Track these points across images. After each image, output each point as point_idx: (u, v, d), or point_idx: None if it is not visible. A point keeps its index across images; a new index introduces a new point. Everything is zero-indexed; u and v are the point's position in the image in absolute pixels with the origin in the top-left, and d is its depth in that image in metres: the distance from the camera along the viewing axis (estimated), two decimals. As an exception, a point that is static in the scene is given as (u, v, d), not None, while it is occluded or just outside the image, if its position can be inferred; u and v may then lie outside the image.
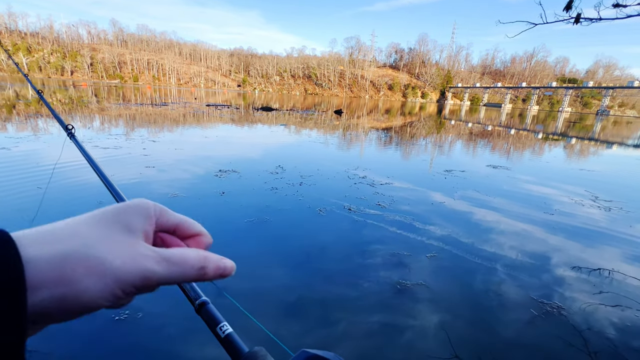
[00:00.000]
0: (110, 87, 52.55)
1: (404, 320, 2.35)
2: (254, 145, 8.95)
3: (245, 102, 33.94)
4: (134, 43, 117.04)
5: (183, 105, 22.06)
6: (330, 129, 14.47)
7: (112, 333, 2.06)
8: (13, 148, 6.53)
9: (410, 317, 2.39)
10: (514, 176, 7.08)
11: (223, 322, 0.42)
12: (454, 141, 13.17)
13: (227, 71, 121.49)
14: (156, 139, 8.71)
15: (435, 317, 2.41)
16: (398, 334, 2.22)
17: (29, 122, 10.19)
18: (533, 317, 2.48)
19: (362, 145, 10.25)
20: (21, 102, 16.78)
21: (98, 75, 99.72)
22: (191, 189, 4.81)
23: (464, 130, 17.82)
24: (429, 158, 8.80)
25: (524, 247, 3.63)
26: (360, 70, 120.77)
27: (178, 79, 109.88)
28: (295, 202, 4.51)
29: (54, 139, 7.76)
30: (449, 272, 3.02)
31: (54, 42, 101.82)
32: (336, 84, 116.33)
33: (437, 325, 2.33)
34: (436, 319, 2.39)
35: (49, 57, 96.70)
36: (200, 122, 13.71)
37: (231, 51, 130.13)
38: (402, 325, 2.30)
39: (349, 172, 6.35)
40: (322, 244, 3.40)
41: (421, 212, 4.42)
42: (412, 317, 2.40)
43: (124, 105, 19.33)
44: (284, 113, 21.15)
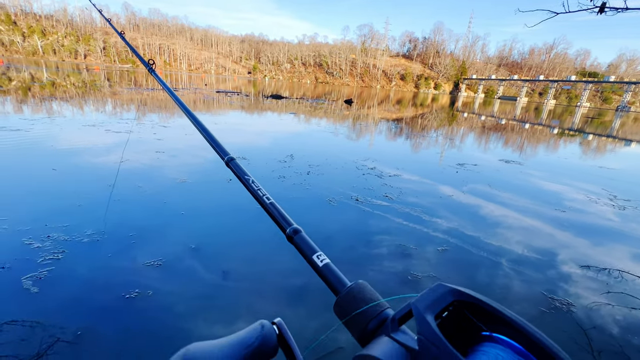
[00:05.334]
0: (122, 71, 52.88)
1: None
2: (263, 133, 8.96)
3: (255, 89, 33.80)
4: (145, 27, 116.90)
5: (193, 91, 22.11)
6: (339, 118, 14.35)
7: (122, 309, 2.14)
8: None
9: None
10: (526, 171, 6.95)
11: (319, 252, 0.39)
12: (466, 134, 12.93)
13: (237, 58, 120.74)
14: (167, 125, 8.78)
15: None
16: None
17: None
18: (537, 313, 2.47)
19: (372, 136, 10.16)
20: (36, 84, 17.05)
21: (110, 59, 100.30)
22: (200, 175, 4.87)
23: (477, 124, 17.46)
24: (439, 151, 8.68)
25: (531, 242, 3.59)
26: (373, 59, 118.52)
27: (189, 65, 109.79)
28: (303, 190, 4.53)
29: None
30: (454, 265, 3.02)
31: (67, 25, 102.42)
32: (347, 73, 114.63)
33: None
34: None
35: (63, 40, 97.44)
36: (210, 109, 13.74)
37: (242, 37, 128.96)
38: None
39: (357, 162, 6.32)
40: (327, 233, 3.42)
41: (429, 205, 4.39)
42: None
43: (135, 89, 19.47)
44: (294, 101, 21.02)
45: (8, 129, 6.58)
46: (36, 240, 2.77)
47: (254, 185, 0.52)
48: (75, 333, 1.91)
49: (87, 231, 2.97)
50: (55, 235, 2.86)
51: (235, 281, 2.51)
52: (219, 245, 3.02)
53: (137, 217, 3.38)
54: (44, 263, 2.49)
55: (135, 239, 2.94)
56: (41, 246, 2.69)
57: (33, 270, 2.39)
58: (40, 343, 1.82)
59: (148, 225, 3.24)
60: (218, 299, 2.30)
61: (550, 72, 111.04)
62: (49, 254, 2.60)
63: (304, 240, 0.41)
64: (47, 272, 2.39)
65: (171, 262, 2.65)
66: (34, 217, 3.15)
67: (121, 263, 2.59)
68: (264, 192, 0.50)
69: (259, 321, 0.28)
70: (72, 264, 2.52)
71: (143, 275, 2.46)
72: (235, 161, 0.59)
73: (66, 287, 2.29)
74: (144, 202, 3.74)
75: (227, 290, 2.40)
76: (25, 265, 2.45)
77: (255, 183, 0.52)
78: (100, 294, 2.26)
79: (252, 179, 0.53)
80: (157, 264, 2.60)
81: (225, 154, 0.63)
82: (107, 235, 2.94)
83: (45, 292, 2.21)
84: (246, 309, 2.25)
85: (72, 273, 2.43)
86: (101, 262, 2.58)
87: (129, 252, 2.73)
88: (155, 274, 2.49)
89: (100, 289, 2.31)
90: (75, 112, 9.76)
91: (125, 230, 3.08)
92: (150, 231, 3.13)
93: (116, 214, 3.38)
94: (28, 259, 2.52)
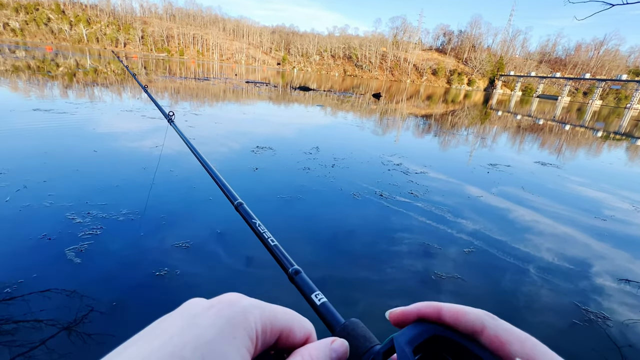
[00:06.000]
0: (158, 60, 54.95)
1: (425, 310, 2.34)
2: (290, 124, 9.03)
3: (284, 80, 34.02)
4: (181, 17, 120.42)
5: (224, 81, 22.61)
6: (367, 112, 14.16)
7: (152, 286, 2.27)
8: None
9: (432, 308, 2.37)
10: (564, 175, 6.55)
11: (317, 291, 0.42)
12: (499, 133, 12.35)
13: (268, 48, 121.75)
14: (198, 113, 9.08)
15: (458, 310, 2.37)
16: (418, 322, 2.22)
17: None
18: (564, 325, 2.36)
19: (399, 132, 9.96)
20: (80, 70, 18.13)
21: (148, 48, 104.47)
22: (227, 162, 5.01)
23: (512, 123, 16.60)
24: (469, 150, 8.36)
25: (563, 251, 3.40)
26: (404, 52, 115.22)
27: (220, 55, 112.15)
28: (327, 183, 4.55)
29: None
30: (477, 268, 2.93)
31: (110, 15, 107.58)
32: (377, 66, 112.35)
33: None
34: (459, 312, 2.35)
35: (105, 29, 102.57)
36: (239, 99, 14.02)
37: (273, 28, 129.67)
38: (423, 315, 2.29)
39: (383, 157, 6.24)
40: (350, 227, 3.43)
41: (455, 205, 4.27)
42: (435, 307, 2.37)
43: (169, 78, 20.21)
44: (321, 94, 20.97)
45: (55, 112, 7.08)
46: (78, 215, 2.99)
47: (259, 228, 0.58)
48: (108, 305, 2.05)
49: (123, 210, 3.16)
50: (94, 212, 3.07)
51: (256, 268, 2.58)
52: (243, 232, 3.12)
53: (168, 200, 3.55)
54: (84, 237, 2.69)
55: (165, 220, 3.10)
56: (82, 222, 2.91)
57: (75, 243, 2.59)
58: (77, 311, 1.98)
59: (177, 209, 3.39)
60: (239, 285, 2.38)
61: (597, 71, 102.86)
62: (89, 229, 2.81)
63: (303, 280, 0.45)
64: (87, 246, 2.58)
65: (198, 245, 2.77)
66: (77, 195, 3.40)
67: (152, 242, 2.74)
68: (268, 234, 0.56)
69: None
70: (108, 240, 2.70)
71: (171, 255, 2.59)
72: (244, 206, 0.68)
73: (102, 261, 2.46)
74: (174, 186, 3.92)
75: (248, 276, 2.48)
76: (68, 238, 2.66)
77: (261, 226, 0.58)
78: (133, 270, 2.41)
79: (259, 222, 0.60)
80: (185, 245, 2.73)
81: (234, 199, 0.72)
82: (140, 215, 3.12)
83: (84, 264, 2.39)
84: (265, 297, 2.32)
85: (108, 248, 2.61)
86: (134, 240, 2.75)
87: (159, 233, 2.88)
88: (183, 255, 2.61)
89: (132, 265, 2.46)
90: (114, 98, 10.32)
91: (157, 212, 3.24)
92: (179, 214, 3.28)
93: (149, 197, 3.56)
94: (70, 233, 2.73)
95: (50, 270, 2.29)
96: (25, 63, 18.93)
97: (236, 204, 0.71)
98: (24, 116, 6.48)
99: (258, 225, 0.59)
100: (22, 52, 29.56)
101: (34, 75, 13.71)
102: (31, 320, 1.89)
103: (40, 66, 17.89)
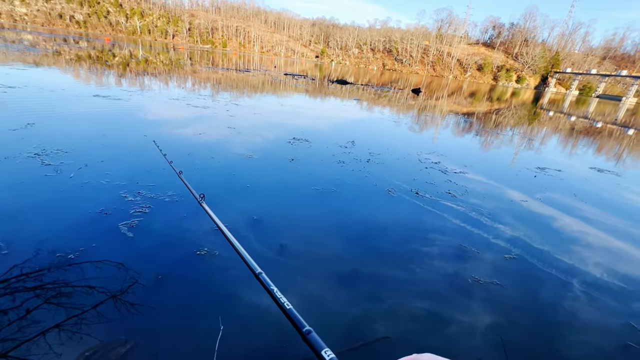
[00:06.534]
0: (203, 51, 57.30)
1: (451, 313, 2.29)
2: (326, 117, 9.06)
3: (321, 73, 34.01)
4: (226, 10, 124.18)
5: (263, 73, 23.10)
6: (404, 108, 13.79)
7: (191, 264, 2.44)
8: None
9: (459, 312, 2.31)
10: (624, 184, 5.96)
11: (326, 348, 0.48)
12: (550, 135, 11.45)
13: (307, 41, 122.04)
14: (238, 103, 9.40)
15: (487, 317, 2.29)
16: (443, 325, 2.18)
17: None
18: (609, 347, 2.19)
19: (438, 129, 9.60)
20: (133, 60, 19.46)
21: (194, 40, 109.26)
22: (264, 152, 5.17)
23: (565, 124, 15.31)
24: (513, 151, 7.87)
25: (614, 266, 3.13)
26: (448, 46, 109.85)
27: (261, 47, 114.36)
28: (361, 178, 4.54)
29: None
30: (513, 276, 2.79)
31: (161, 8, 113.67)
32: (418, 61, 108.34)
33: (489, 326, 2.21)
34: (489, 320, 2.27)
35: (157, 21, 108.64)
36: (277, 90, 14.28)
37: (313, 21, 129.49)
38: (449, 317, 2.25)
39: (420, 155, 6.07)
40: (382, 224, 3.41)
41: (494, 208, 4.07)
42: (462, 312, 2.31)
43: (212, 69, 21.04)
44: (359, 87, 20.71)
45: (112, 98, 7.70)
46: (130, 194, 3.27)
47: (277, 294, 0.69)
48: (151, 278, 2.24)
49: (168, 192, 3.40)
50: (144, 192, 3.34)
51: (288, 257, 2.67)
52: (277, 221, 3.22)
53: (208, 185, 3.76)
54: (135, 214, 2.94)
55: (207, 203, 3.28)
56: (133, 200, 3.17)
57: (127, 219, 2.84)
58: (123, 282, 2.18)
59: (217, 193, 3.58)
60: (268, 272, 2.48)
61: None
62: (139, 207, 3.06)
63: (314, 339, 0.51)
64: (138, 222, 2.82)
65: (234, 229, 2.91)
66: (129, 175, 3.71)
67: (193, 223, 2.93)
68: (284, 299, 0.66)
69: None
70: (155, 218, 2.93)
71: (210, 237, 2.76)
72: (263, 274, 0.79)
73: (149, 237, 2.68)
74: (214, 172, 4.14)
75: (279, 265, 2.58)
76: (121, 214, 2.92)
77: (278, 292, 0.70)
78: (175, 248, 2.60)
79: (276, 289, 0.72)
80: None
81: (255, 269, 0.83)
82: (184, 197, 3.34)
83: (134, 238, 2.62)
84: (293, 287, 2.40)
85: (154, 226, 2.83)
86: (177, 220, 2.95)
87: (199, 215, 3.07)
88: (220, 238, 2.77)
89: (175, 243, 2.66)
90: (162, 87, 10.97)
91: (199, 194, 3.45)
92: (218, 198, 3.47)
93: (191, 181, 3.80)
94: (123, 210, 3.00)
95: (105, 241, 2.55)
96: (87, 53, 20.67)
97: (257, 273, 0.82)
98: (86, 101, 7.13)
99: (276, 292, 0.71)
100: (85, 43, 32.26)
101: (93, 64, 14.96)
102: (85, 286, 2.11)
103: (99, 56, 19.45)
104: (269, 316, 2.06)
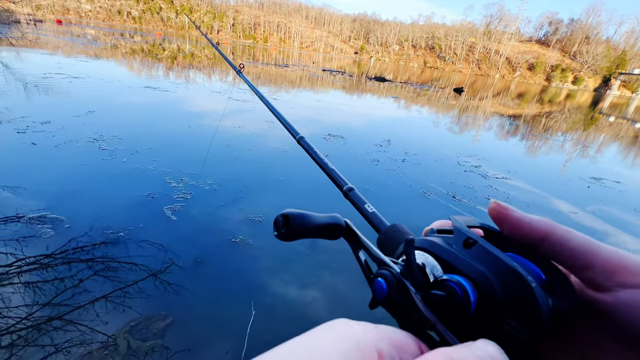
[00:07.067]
0: (244, 46, 59.09)
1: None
2: (362, 114, 8.96)
3: (359, 70, 33.62)
4: (268, 6, 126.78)
5: (302, 68, 23.33)
6: (444, 108, 13.24)
7: (227, 250, 2.55)
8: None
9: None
10: (695, 202, 5.27)
11: (368, 203, 0.49)
12: (609, 143, 10.42)
13: (347, 37, 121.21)
14: (276, 97, 9.59)
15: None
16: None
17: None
18: None
19: (479, 131, 9.11)
20: (180, 54, 20.55)
21: (237, 35, 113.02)
22: (299, 148, 5.22)
23: (628, 132, 13.83)
24: (564, 159, 7.26)
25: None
26: (496, 43, 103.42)
27: (300, 43, 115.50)
28: (395, 178, 4.44)
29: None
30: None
31: (208, 4, 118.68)
32: (462, 59, 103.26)
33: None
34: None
35: (204, 17, 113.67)
36: (314, 86, 14.36)
37: (354, 16, 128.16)
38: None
39: (459, 157, 5.81)
40: (415, 226, 3.29)
41: (539, 219, 3.79)
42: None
43: (252, 63, 21.63)
44: (397, 85, 20.21)
45: (161, 90, 8.20)
46: (174, 180, 3.48)
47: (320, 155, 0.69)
48: (188, 260, 2.37)
49: (209, 180, 3.57)
50: (186, 179, 3.53)
51: (316, 252, 2.69)
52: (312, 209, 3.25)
53: (246, 176, 3.89)
54: (178, 200, 3.12)
55: (243, 194, 3.41)
56: (177, 186, 3.37)
57: (171, 204, 3.03)
58: (163, 262, 2.32)
59: (253, 185, 3.69)
60: (296, 265, 2.52)
61: None
62: (182, 193, 3.25)
63: (356, 196, 0.52)
64: (180, 207, 3.00)
65: (268, 220, 2.99)
66: (174, 162, 3.94)
67: (230, 212, 3.05)
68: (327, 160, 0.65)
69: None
70: (195, 205, 3.09)
71: (244, 226, 2.86)
72: (305, 139, 0.79)
73: (189, 221, 2.83)
74: (251, 164, 4.27)
75: (306, 259, 2.60)
76: (166, 198, 3.12)
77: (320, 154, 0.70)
78: (212, 234, 2.73)
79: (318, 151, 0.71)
80: (257, 219, 2.97)
81: (296, 134, 0.84)
82: (222, 187, 3.48)
83: (177, 222, 2.79)
84: (318, 281, 2.41)
85: (193, 212, 2.99)
86: (215, 208, 3.09)
87: (236, 204, 3.19)
88: (254, 228, 2.86)
89: (212, 229, 2.79)
90: (205, 80, 11.49)
91: (236, 185, 3.58)
92: (254, 190, 3.58)
93: (230, 172, 3.95)
94: (167, 194, 3.19)
95: (151, 222, 2.73)
96: (140, 47, 22.18)
97: (298, 137, 0.83)
98: (138, 92, 7.67)
99: (318, 153, 0.70)
100: (139, 37, 34.64)
101: (145, 57, 16.02)
102: (129, 262, 2.28)
103: (150, 50, 20.79)
104: (296, 307, 2.10)
